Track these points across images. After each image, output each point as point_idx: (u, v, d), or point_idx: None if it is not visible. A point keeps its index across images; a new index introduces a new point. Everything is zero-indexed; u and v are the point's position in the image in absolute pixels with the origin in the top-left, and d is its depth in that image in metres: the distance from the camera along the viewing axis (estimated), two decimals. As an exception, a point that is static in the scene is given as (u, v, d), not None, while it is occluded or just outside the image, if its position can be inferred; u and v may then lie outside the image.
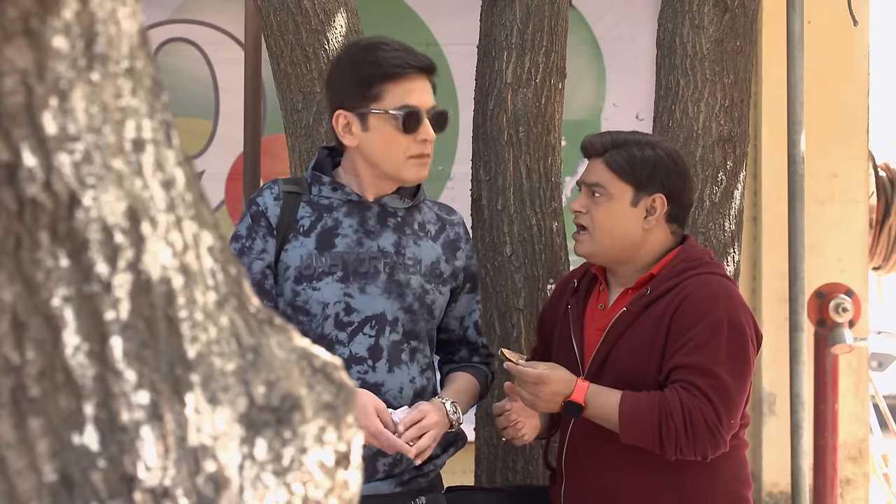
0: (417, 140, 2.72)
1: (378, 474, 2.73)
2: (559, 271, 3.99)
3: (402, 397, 2.74)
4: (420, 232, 2.83)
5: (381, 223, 2.79)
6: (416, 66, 2.72)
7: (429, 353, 2.83)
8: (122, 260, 1.05)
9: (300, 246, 2.74)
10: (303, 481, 1.14)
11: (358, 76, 2.73)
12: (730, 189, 4.05)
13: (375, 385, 2.72)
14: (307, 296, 2.72)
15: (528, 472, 3.94)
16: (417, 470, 2.78)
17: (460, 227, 2.92)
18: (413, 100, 2.71)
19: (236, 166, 5.91)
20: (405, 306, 2.76)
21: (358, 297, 2.73)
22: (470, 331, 2.95)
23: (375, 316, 2.73)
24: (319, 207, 2.78)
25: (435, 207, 2.94)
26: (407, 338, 2.76)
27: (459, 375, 2.92)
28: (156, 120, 1.09)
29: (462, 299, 2.92)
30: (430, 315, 2.80)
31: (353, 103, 2.74)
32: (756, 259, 6.17)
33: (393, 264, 2.76)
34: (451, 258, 2.87)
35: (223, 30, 6.01)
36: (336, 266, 2.73)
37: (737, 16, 4.05)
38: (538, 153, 3.96)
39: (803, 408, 4.56)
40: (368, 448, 2.70)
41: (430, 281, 2.80)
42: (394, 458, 2.73)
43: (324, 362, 1.20)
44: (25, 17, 1.00)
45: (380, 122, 2.71)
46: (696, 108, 4.04)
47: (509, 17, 3.98)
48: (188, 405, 1.08)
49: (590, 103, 6.17)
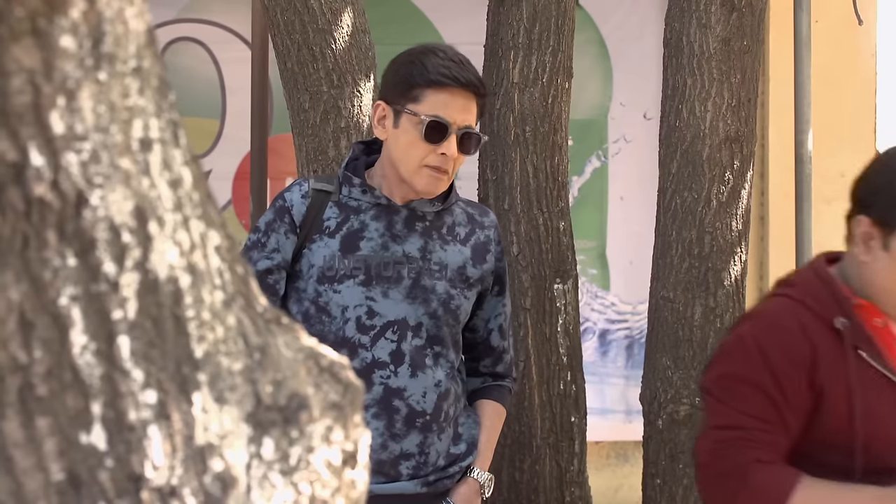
0: (437, 152, 2.71)
1: (402, 477, 2.74)
2: (566, 271, 3.99)
3: (425, 401, 2.73)
4: (448, 236, 2.82)
5: (409, 228, 2.78)
6: (459, 81, 2.70)
7: (453, 357, 2.80)
8: (129, 259, 1.05)
9: (325, 246, 2.74)
10: (310, 480, 1.14)
11: (404, 74, 2.73)
12: (737, 188, 4.05)
13: (398, 390, 2.72)
14: (328, 297, 2.72)
15: (534, 471, 3.94)
16: (443, 471, 2.78)
17: (491, 230, 2.89)
18: (446, 112, 2.69)
19: (243, 166, 5.92)
20: (430, 311, 2.75)
21: (381, 301, 2.72)
22: (493, 334, 2.93)
23: (397, 321, 2.73)
24: (347, 209, 2.77)
25: (468, 207, 2.91)
26: (431, 343, 2.75)
27: (490, 410, 2.92)
28: (163, 119, 1.10)
29: (489, 301, 2.90)
30: (454, 320, 2.79)
31: (393, 98, 2.74)
32: (763, 259, 6.16)
33: (419, 269, 2.75)
34: (480, 262, 2.85)
35: (230, 29, 6.02)
36: (359, 269, 2.72)
37: (744, 15, 4.05)
38: (545, 152, 3.96)
39: (811, 407, 4.55)
40: (391, 452, 2.72)
41: (455, 286, 2.79)
42: (417, 462, 2.74)
43: (331, 362, 1.20)
44: (33, 16, 1.00)
45: (409, 124, 2.71)
46: (704, 108, 4.04)
47: (516, 16, 3.98)
48: (195, 404, 1.08)
49: (597, 103, 6.17)
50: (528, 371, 3.93)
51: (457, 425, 2.83)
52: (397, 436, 2.72)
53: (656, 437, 4.07)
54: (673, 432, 4.02)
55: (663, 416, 4.04)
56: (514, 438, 3.93)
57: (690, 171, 4.04)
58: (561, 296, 3.97)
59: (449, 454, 2.80)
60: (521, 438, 3.94)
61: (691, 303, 4.02)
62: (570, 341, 3.99)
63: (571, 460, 3.99)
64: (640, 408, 4.17)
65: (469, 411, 2.89)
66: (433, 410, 2.74)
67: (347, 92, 3.74)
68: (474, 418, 2.88)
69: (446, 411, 2.77)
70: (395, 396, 2.72)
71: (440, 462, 2.78)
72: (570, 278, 4.00)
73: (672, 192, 4.09)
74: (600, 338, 6.17)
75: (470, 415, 2.88)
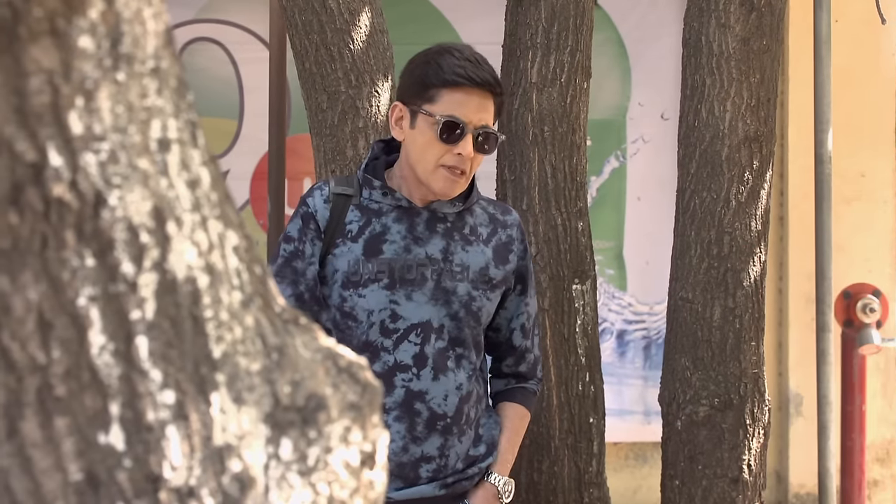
0: (454, 152, 2.70)
1: (421, 480, 2.74)
2: (584, 271, 3.98)
3: (446, 404, 2.73)
4: (470, 236, 2.81)
5: (430, 229, 2.77)
6: (475, 80, 2.69)
7: (475, 359, 2.80)
8: (147, 259, 1.05)
9: (348, 251, 2.74)
10: (328, 481, 1.14)
11: (420, 74, 2.73)
12: (756, 189, 4.04)
13: (420, 393, 2.72)
14: (353, 302, 2.72)
15: (552, 472, 3.94)
16: (461, 473, 2.78)
17: (514, 229, 2.88)
18: (461, 112, 2.69)
19: (261, 166, 5.93)
20: (451, 313, 2.74)
21: (404, 304, 2.72)
22: (515, 333, 2.92)
23: (421, 324, 2.72)
24: (368, 212, 2.77)
25: (490, 207, 2.90)
26: (452, 345, 2.75)
27: (512, 412, 2.91)
28: (181, 119, 1.10)
29: (511, 301, 2.89)
30: (476, 322, 2.78)
31: (409, 99, 2.74)
32: (783, 259, 6.14)
33: (440, 271, 2.74)
34: (503, 262, 2.84)
35: (248, 29, 6.03)
36: (382, 273, 2.72)
37: (763, 14, 4.03)
38: (563, 153, 3.95)
39: (830, 409, 4.54)
40: (412, 455, 2.72)
41: (477, 287, 2.78)
42: (437, 465, 2.74)
43: (349, 362, 1.20)
44: (51, 17, 1.00)
45: (425, 124, 2.71)
46: (723, 108, 4.03)
47: (534, 16, 3.97)
48: (213, 405, 1.08)
49: (615, 103, 6.16)
50: (546, 372, 3.93)
51: (477, 426, 2.82)
52: (418, 439, 2.72)
53: (675, 438, 4.07)
54: (692, 433, 4.01)
55: (682, 417, 4.03)
56: (533, 439, 3.92)
57: (709, 172, 4.03)
58: (579, 296, 3.97)
59: (468, 456, 2.79)
60: (540, 439, 3.94)
61: (710, 303, 4.02)
62: (588, 342, 3.99)
63: (590, 461, 3.98)
64: (658, 409, 4.16)
65: (490, 412, 2.88)
66: (454, 413, 2.74)
67: (365, 92, 3.74)
68: (495, 419, 2.87)
69: (467, 413, 2.77)
70: (417, 399, 2.72)
71: (459, 465, 2.77)
72: (589, 279, 3.99)
73: (691, 193, 4.08)
74: (618, 338, 6.16)
75: (491, 415, 2.87)
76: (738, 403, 3.99)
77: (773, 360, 6.04)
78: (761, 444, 4.04)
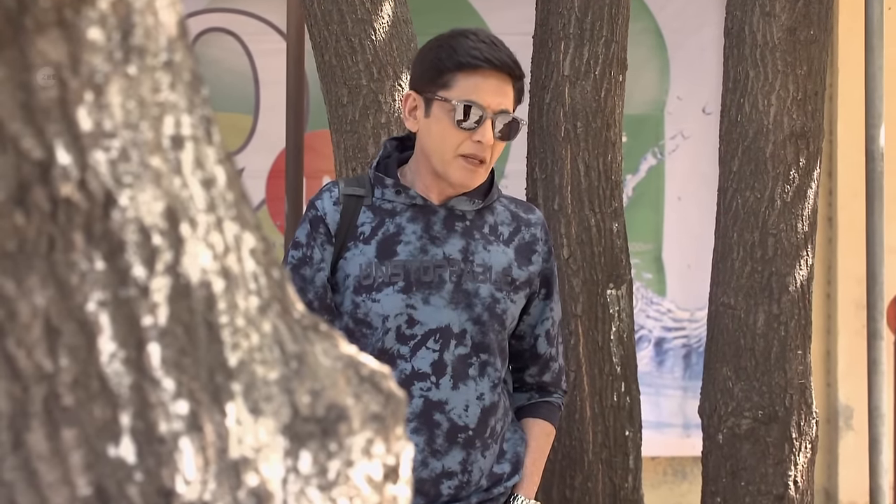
0: (472, 139, 2.69)
1: (442, 497, 2.72)
2: (619, 275, 3.98)
3: (467, 415, 2.71)
4: (491, 235, 2.79)
5: (448, 228, 2.75)
6: (492, 62, 2.67)
7: (500, 367, 2.77)
8: (160, 263, 1.06)
9: (360, 254, 2.71)
10: (349, 496, 1.15)
11: (433, 60, 2.71)
12: (803, 187, 4.03)
13: (439, 402, 2.70)
14: (367, 308, 2.69)
15: (586, 488, 3.94)
16: (486, 493, 2.77)
17: (537, 228, 2.85)
18: (479, 96, 2.67)
19: (278, 163, 5.94)
20: (473, 317, 2.71)
21: (421, 308, 2.70)
22: (540, 340, 2.89)
23: (440, 329, 2.70)
24: (381, 212, 2.75)
25: (512, 205, 2.87)
26: (476, 351, 2.72)
27: (538, 430, 2.89)
28: (195, 115, 1.10)
29: (535, 306, 2.86)
30: (500, 325, 2.75)
31: (424, 86, 2.72)
32: (831, 262, 6.12)
33: (460, 272, 2.72)
34: (526, 263, 2.81)
35: (264, 19, 6.05)
36: (397, 276, 2.70)
37: (811, 2, 4.02)
38: (597, 150, 3.95)
39: (883, 421, 4.52)
40: (432, 470, 2.70)
41: (500, 289, 2.75)
42: (460, 481, 2.72)
43: (371, 371, 1.20)
44: (59, 7, 1.00)
45: (441, 112, 2.69)
46: (767, 102, 4.02)
47: (567, 5, 3.97)
48: (229, 415, 1.09)
49: (652, 97, 6.15)
50: (579, 381, 3.92)
51: (502, 441, 2.81)
52: (438, 452, 2.70)
53: (716, 452, 4.05)
54: (734, 447, 4.00)
55: (724, 430, 4.02)
56: (565, 453, 3.92)
57: (753, 169, 4.02)
58: (614, 302, 3.96)
59: (492, 473, 2.77)
60: (572, 453, 3.94)
61: (753, 310, 4.00)
62: (623, 350, 3.98)
63: (626, 477, 3.98)
64: (698, 421, 4.15)
65: (516, 426, 2.86)
66: (476, 425, 2.72)
67: (388, 86, 3.74)
68: (521, 434, 2.84)
69: (493, 427, 2.75)
70: (436, 410, 2.70)
71: (483, 482, 2.76)
72: (624, 283, 3.99)
73: (733, 192, 4.07)
74: (656, 346, 6.15)
75: (516, 430, 2.84)
76: (784, 416, 3.98)
77: (820, 369, 6.02)
78: (808, 460, 4.02)
